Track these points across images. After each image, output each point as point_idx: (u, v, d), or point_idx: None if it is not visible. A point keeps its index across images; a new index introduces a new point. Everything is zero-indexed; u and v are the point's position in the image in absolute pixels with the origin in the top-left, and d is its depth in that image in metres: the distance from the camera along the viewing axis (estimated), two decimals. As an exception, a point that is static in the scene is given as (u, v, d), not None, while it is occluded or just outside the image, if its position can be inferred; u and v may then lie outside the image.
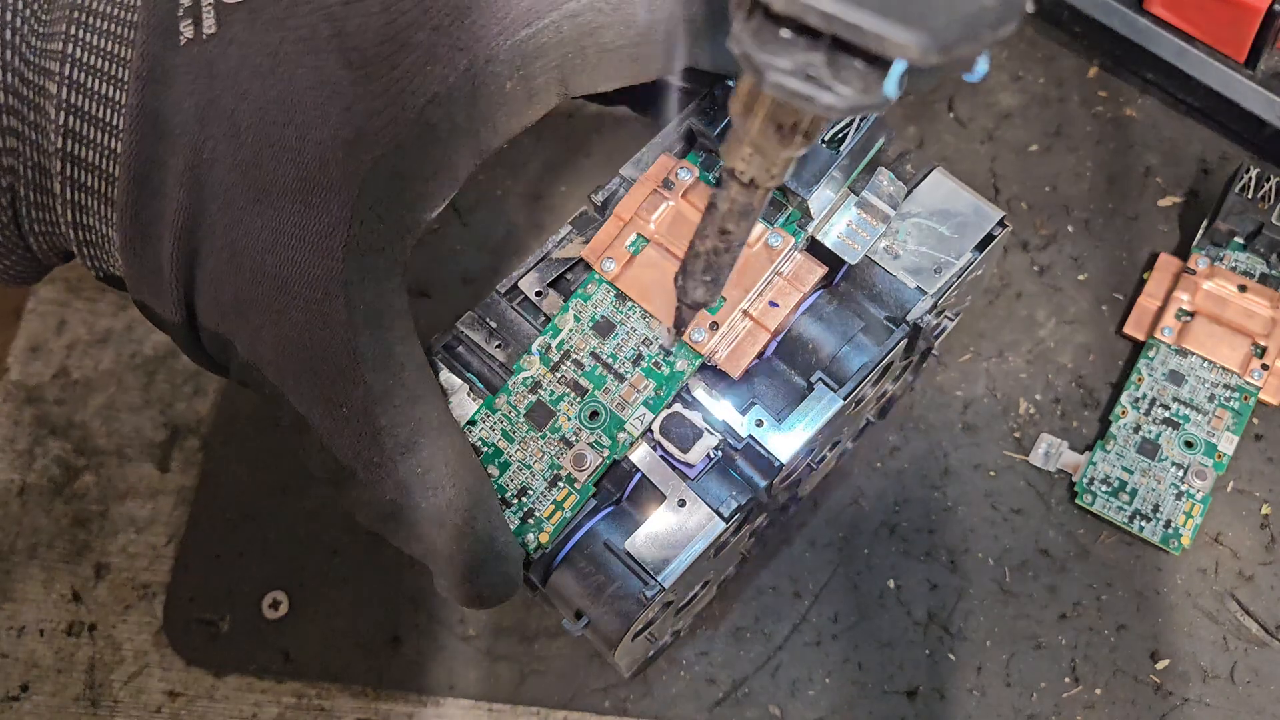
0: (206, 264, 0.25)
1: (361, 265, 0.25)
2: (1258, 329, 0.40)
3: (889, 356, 0.30)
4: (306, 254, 0.25)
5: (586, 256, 0.30)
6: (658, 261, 0.29)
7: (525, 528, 0.28)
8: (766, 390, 0.29)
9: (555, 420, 0.29)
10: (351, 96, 0.24)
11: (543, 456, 0.29)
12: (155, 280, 0.26)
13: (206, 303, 0.26)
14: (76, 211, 0.26)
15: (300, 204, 0.24)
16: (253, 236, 0.25)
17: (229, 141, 0.24)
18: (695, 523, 0.28)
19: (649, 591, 0.27)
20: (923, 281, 0.30)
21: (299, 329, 0.25)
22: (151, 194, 0.25)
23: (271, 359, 0.25)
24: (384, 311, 0.26)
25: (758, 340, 0.29)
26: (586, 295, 0.30)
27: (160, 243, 0.25)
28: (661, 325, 0.29)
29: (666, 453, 0.28)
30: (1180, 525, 0.38)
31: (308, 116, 0.24)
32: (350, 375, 0.25)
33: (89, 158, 0.25)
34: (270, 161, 0.24)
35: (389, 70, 0.24)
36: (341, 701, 0.39)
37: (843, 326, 0.30)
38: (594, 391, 0.29)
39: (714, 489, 0.29)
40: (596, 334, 0.29)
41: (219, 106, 0.24)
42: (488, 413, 0.29)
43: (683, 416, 0.28)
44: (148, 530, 0.42)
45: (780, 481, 0.30)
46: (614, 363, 0.29)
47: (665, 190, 0.30)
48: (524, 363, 0.29)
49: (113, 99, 0.25)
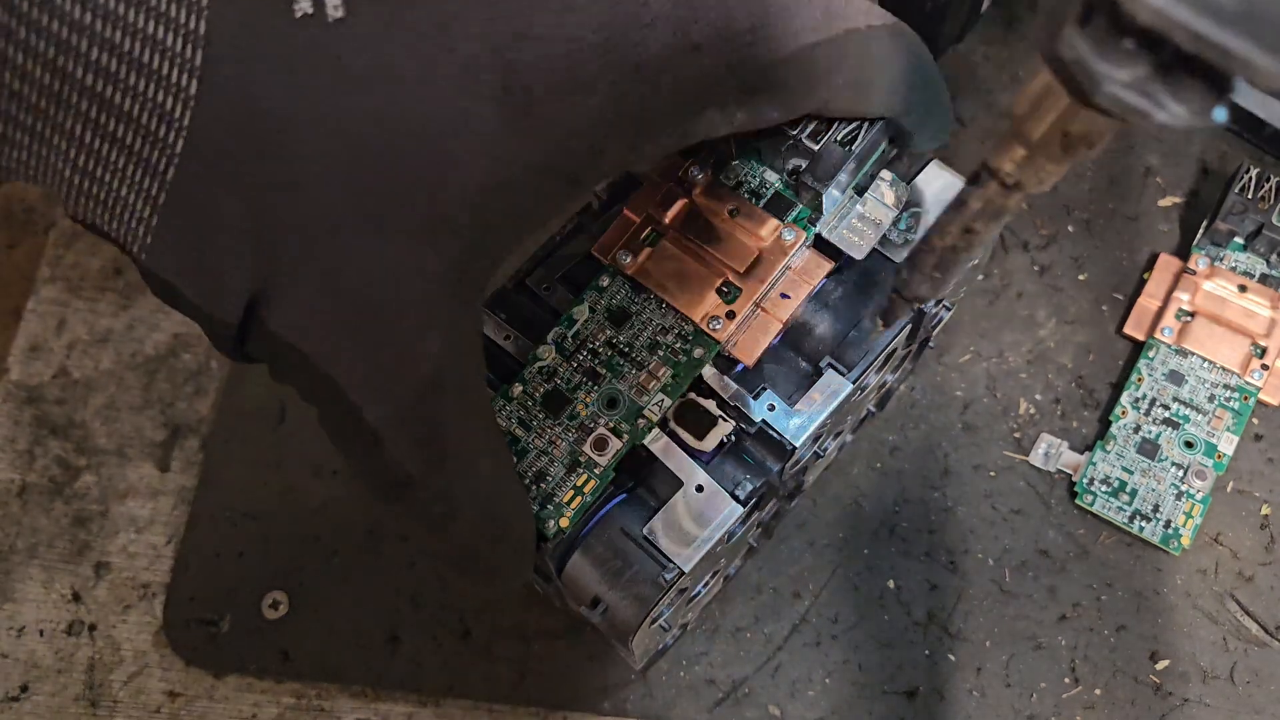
0: (295, 281, 0.23)
1: (462, 298, 0.24)
2: (1258, 329, 0.40)
3: (894, 341, 0.31)
4: (416, 289, 0.23)
5: (597, 253, 0.30)
6: (675, 254, 0.30)
7: (545, 513, 0.28)
8: (777, 376, 0.30)
9: (573, 407, 0.29)
10: (504, 145, 0.22)
11: (561, 443, 0.29)
12: (206, 273, 0.23)
13: (283, 315, 0.23)
14: (90, 159, 0.22)
15: (425, 242, 0.23)
16: (362, 267, 0.23)
17: (348, 157, 0.22)
18: (712, 506, 0.29)
19: (668, 575, 0.28)
20: None
21: (394, 358, 0.24)
22: (223, 184, 0.22)
23: (358, 382, 0.24)
24: (469, 337, 0.25)
25: (770, 330, 0.30)
26: (600, 287, 0.30)
27: (225, 240, 0.23)
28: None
29: (680, 440, 0.29)
30: (1180, 525, 0.38)
31: (452, 156, 0.22)
32: (432, 400, 0.25)
33: (132, 110, 0.21)
34: (398, 195, 0.22)
35: (555, 122, 0.22)
36: (341, 701, 0.39)
37: (849, 313, 0.31)
38: (611, 378, 0.29)
39: (729, 473, 0.29)
40: (612, 324, 0.30)
41: (342, 113, 0.21)
42: (504, 402, 0.30)
43: (696, 403, 0.29)
44: (148, 530, 0.42)
45: (791, 466, 0.30)
46: (631, 351, 0.30)
47: (677, 187, 0.31)
48: (540, 352, 0.30)
49: (178, 52, 0.21)
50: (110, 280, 0.47)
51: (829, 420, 0.30)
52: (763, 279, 0.30)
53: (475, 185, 0.23)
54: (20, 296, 0.47)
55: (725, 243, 0.30)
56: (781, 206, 0.30)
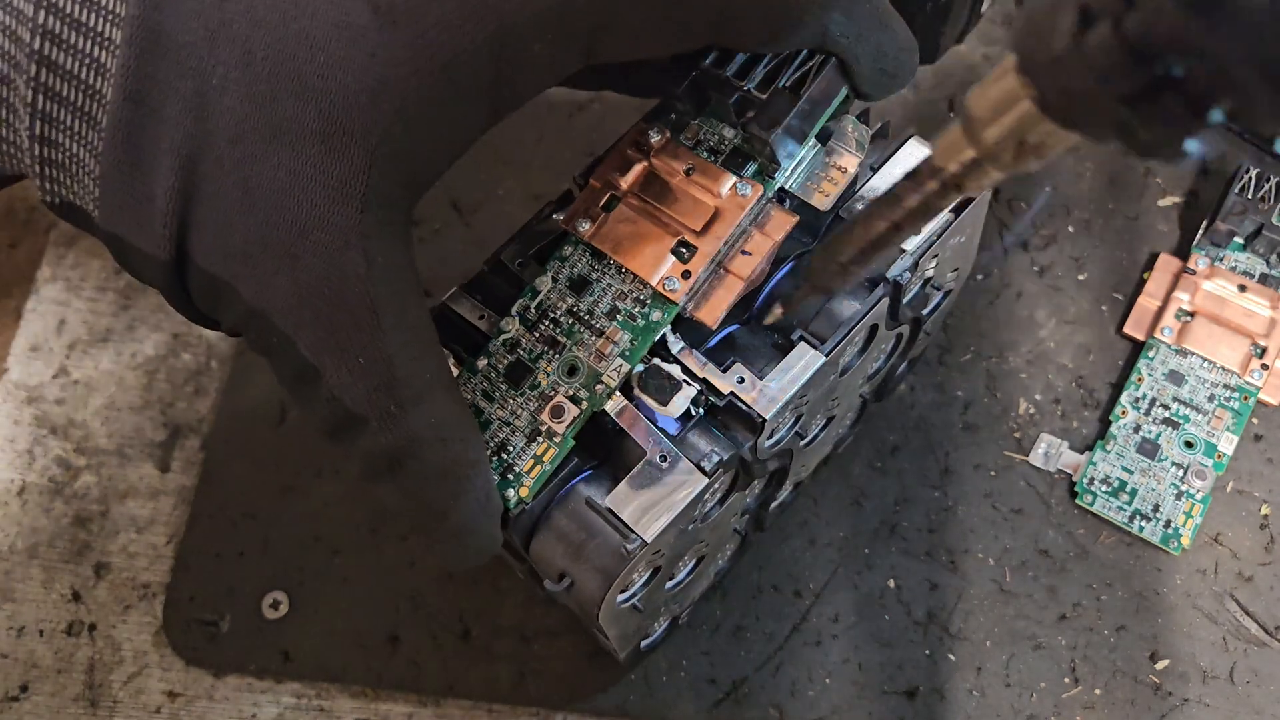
0: (211, 201, 0.24)
1: (378, 217, 0.25)
2: (1258, 329, 0.40)
3: (870, 314, 0.30)
4: (326, 200, 0.24)
5: (564, 224, 0.30)
6: (631, 217, 0.30)
7: (505, 483, 0.28)
8: (748, 348, 0.30)
9: (534, 377, 0.29)
10: (376, 43, 0.23)
11: (522, 413, 0.29)
12: (143, 210, 0.24)
13: (207, 243, 0.24)
14: (45, 124, 0.24)
15: (321, 147, 0.24)
16: (268, 176, 0.24)
17: (243, 70, 0.23)
18: (677, 478, 0.28)
19: (630, 545, 0.27)
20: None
21: (316, 276, 0.24)
22: (149, 115, 0.24)
23: (283, 306, 0.25)
24: (398, 265, 0.25)
25: (732, 289, 0.29)
26: (563, 256, 0.30)
27: (154, 170, 0.24)
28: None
29: (646, 408, 0.29)
30: (1180, 525, 0.38)
31: (330, 57, 0.23)
32: (368, 326, 0.25)
33: (70, 66, 0.23)
34: (290, 98, 0.23)
35: (416, 21, 0.24)
36: (341, 702, 0.39)
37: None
38: (570, 346, 0.29)
39: (697, 445, 0.29)
40: (573, 292, 0.30)
41: (232, 31, 0.23)
42: (469, 375, 0.29)
43: (659, 368, 0.29)
44: (148, 530, 0.42)
45: (767, 443, 0.30)
46: (590, 318, 0.29)
47: (636, 152, 0.30)
48: (504, 324, 0.30)
49: (105, 6, 0.23)
50: (110, 280, 0.47)
51: (802, 393, 0.29)
52: (720, 236, 0.29)
53: (360, 86, 0.23)
54: (20, 296, 0.47)
55: (681, 202, 0.29)
56: (739, 162, 0.30)
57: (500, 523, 0.28)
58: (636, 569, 0.29)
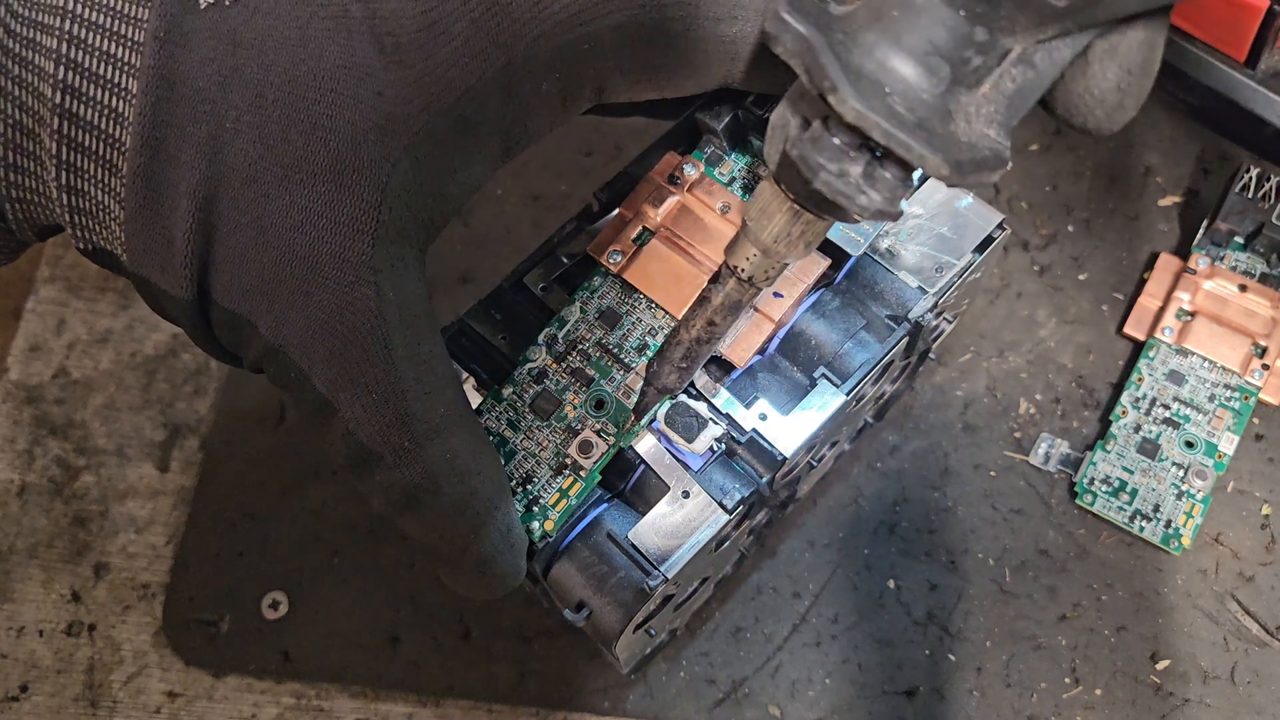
0: (228, 240, 0.25)
1: (389, 253, 0.25)
2: (1258, 329, 0.40)
3: (890, 354, 0.30)
4: (338, 236, 0.24)
5: (592, 252, 0.30)
6: (664, 253, 0.30)
7: (529, 516, 0.28)
8: (770, 385, 0.30)
9: (561, 409, 0.29)
10: (384, 81, 0.24)
11: (548, 445, 0.29)
12: (164, 252, 0.25)
13: (226, 281, 0.25)
14: (71, 174, 0.25)
15: (332, 185, 0.24)
16: (281, 214, 0.24)
17: (254, 113, 0.24)
18: (699, 514, 0.28)
19: (652, 582, 0.28)
20: (924, 281, 0.30)
21: (329, 312, 0.25)
22: (166, 161, 0.24)
23: (298, 341, 0.25)
24: (411, 300, 0.26)
25: (762, 330, 0.29)
26: (592, 288, 0.30)
27: (174, 213, 0.25)
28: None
29: (671, 443, 0.29)
30: (1180, 525, 0.38)
31: (339, 97, 0.24)
32: (380, 360, 0.25)
33: (91, 118, 0.24)
34: (300, 138, 0.24)
35: (424, 59, 0.24)
36: (341, 702, 0.39)
37: (845, 324, 0.30)
38: (599, 380, 0.29)
39: (718, 481, 0.29)
40: (602, 324, 0.30)
41: (243, 76, 0.24)
42: (494, 403, 0.29)
43: (688, 406, 0.29)
44: (148, 530, 0.42)
45: (782, 476, 0.30)
46: (619, 352, 0.29)
47: (671, 185, 0.30)
48: (530, 354, 0.30)
49: (122, 59, 0.24)
50: (110, 280, 0.47)
51: (822, 431, 0.29)
52: None
53: (369, 124, 0.24)
54: (20, 296, 0.47)
55: (714, 240, 0.29)
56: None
57: (525, 555, 0.28)
58: (655, 602, 0.29)
